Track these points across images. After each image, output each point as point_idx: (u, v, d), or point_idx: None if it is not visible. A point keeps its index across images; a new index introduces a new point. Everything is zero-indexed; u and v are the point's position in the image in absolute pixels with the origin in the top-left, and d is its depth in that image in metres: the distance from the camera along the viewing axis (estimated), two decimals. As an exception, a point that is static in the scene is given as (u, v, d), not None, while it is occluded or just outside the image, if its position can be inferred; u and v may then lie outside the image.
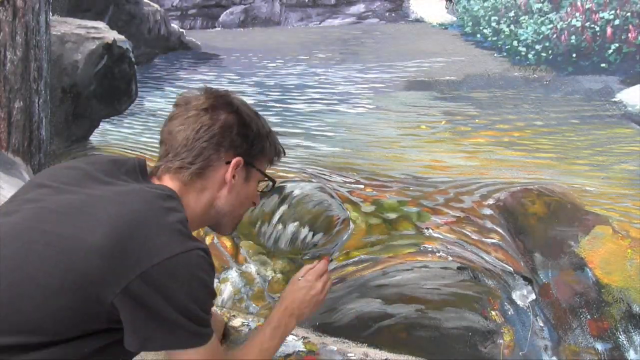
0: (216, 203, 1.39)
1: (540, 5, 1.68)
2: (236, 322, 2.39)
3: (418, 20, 1.89)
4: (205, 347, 1.22)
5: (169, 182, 1.35)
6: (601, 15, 1.60)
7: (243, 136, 1.38)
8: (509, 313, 1.92)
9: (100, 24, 3.73)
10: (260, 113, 1.45)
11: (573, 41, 1.66)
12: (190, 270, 1.16)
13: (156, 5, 5.02)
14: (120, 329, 1.14)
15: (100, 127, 3.71)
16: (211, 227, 1.47)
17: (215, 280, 1.24)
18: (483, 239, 1.91)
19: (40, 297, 1.10)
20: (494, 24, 1.74)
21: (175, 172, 1.35)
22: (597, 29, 1.62)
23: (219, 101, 1.37)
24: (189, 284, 1.16)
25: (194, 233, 1.27)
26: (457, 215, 1.94)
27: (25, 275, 1.11)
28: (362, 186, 2.07)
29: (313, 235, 2.28)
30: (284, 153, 1.52)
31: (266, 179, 1.46)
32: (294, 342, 2.19)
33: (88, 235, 1.13)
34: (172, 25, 5.45)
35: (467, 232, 1.94)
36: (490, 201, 1.86)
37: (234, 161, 1.37)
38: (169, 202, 1.24)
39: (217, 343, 1.29)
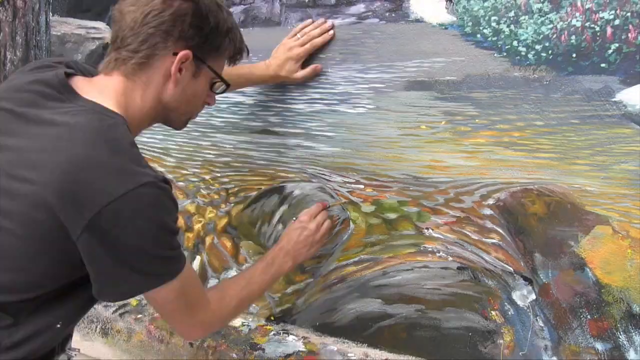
0: (162, 98, 1.32)
1: (540, 5, 1.68)
2: (236, 322, 2.39)
3: (418, 20, 1.90)
4: (176, 281, 1.18)
5: (115, 78, 1.29)
6: (601, 15, 1.60)
7: (196, 28, 1.30)
8: (509, 313, 1.92)
9: (100, 24, 3.73)
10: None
11: (573, 41, 1.66)
12: (134, 211, 1.10)
13: (156, 6, 5.01)
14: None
15: (100, 127, 3.70)
16: (162, 123, 1.41)
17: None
18: (483, 239, 1.91)
19: (9, 263, 1.09)
20: (494, 24, 1.74)
21: (121, 63, 1.29)
22: (597, 29, 1.62)
23: None
24: (134, 225, 1.10)
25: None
26: (457, 215, 1.94)
27: None
28: (362, 186, 2.07)
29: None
30: (248, 52, 1.44)
31: (219, 79, 1.39)
32: (294, 342, 2.19)
33: (35, 190, 1.10)
34: (172, 25, 5.43)
35: (467, 232, 1.94)
36: (490, 201, 1.86)
37: (181, 53, 1.29)
38: (111, 129, 1.18)
39: (191, 273, 1.24)
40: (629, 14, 1.61)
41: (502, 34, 1.81)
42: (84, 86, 1.27)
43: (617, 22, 1.61)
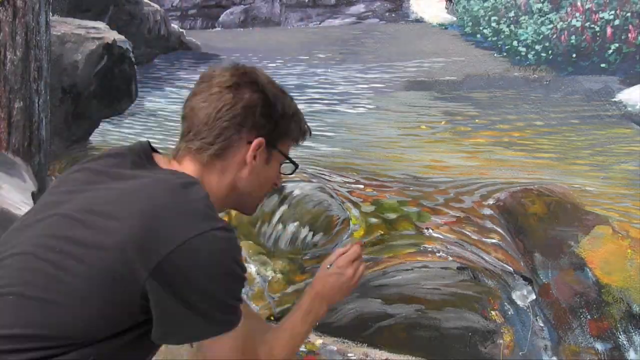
0: (237, 184, 1.37)
1: (540, 5, 1.68)
2: (236, 322, 2.38)
3: (418, 20, 1.90)
4: (234, 332, 1.19)
5: (189, 164, 1.33)
6: (601, 15, 1.60)
7: (266, 117, 1.35)
8: (509, 313, 1.92)
9: (100, 24, 3.74)
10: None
11: (573, 41, 1.66)
12: (208, 252, 1.13)
13: (156, 6, 5.03)
14: (146, 321, 1.14)
15: (100, 127, 3.71)
16: (234, 208, 1.46)
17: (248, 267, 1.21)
18: (483, 239, 1.91)
19: (68, 308, 1.10)
20: (494, 24, 1.74)
21: (195, 153, 1.33)
22: (597, 29, 1.62)
23: (244, 79, 1.34)
24: (207, 266, 1.13)
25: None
26: (457, 215, 1.94)
27: (46, 288, 1.11)
28: (362, 186, 2.07)
29: (313, 235, 2.28)
30: (310, 133, 1.49)
31: (288, 161, 1.44)
32: (294, 342, 2.19)
33: (106, 235, 1.12)
34: (172, 25, 5.45)
35: (467, 232, 1.93)
36: (490, 201, 1.86)
37: (255, 142, 1.33)
38: (185, 183, 1.23)
39: (246, 329, 1.25)
40: (629, 14, 1.61)
41: (502, 34, 1.81)
42: (162, 161, 1.33)
43: (617, 22, 1.61)
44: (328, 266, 1.53)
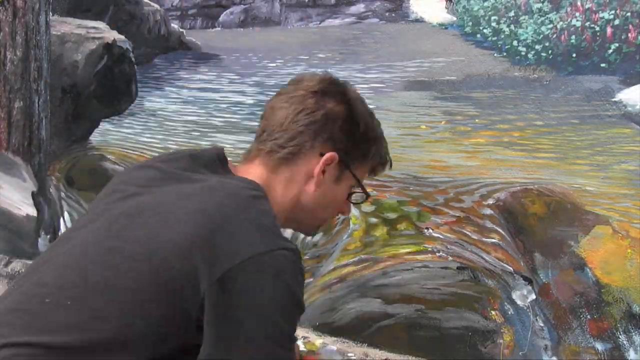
0: (301, 199, 1.29)
1: (540, 5, 1.68)
2: (236, 322, 2.38)
3: (418, 20, 1.90)
4: None
5: (257, 168, 1.26)
6: (601, 15, 1.60)
7: (347, 133, 1.27)
8: (509, 313, 1.92)
9: (100, 24, 3.73)
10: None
11: (573, 41, 1.66)
12: (277, 272, 1.05)
13: (156, 5, 5.02)
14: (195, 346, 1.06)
15: (100, 127, 3.71)
16: (293, 227, 1.38)
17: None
18: (483, 239, 1.91)
19: (121, 313, 1.03)
20: (494, 24, 1.74)
21: (265, 155, 1.27)
22: (597, 29, 1.62)
23: (331, 88, 1.26)
24: (274, 288, 1.05)
25: None
26: (457, 215, 1.94)
27: (100, 290, 1.04)
28: (362, 186, 2.06)
29: (313, 235, 2.28)
30: (391, 165, 1.41)
31: (360, 188, 1.35)
32: (294, 342, 2.19)
33: (165, 236, 1.06)
34: (172, 25, 5.45)
35: (467, 232, 1.94)
36: (490, 201, 1.86)
37: (327, 155, 1.25)
38: (255, 195, 1.17)
39: None
40: (629, 14, 1.61)
41: (502, 33, 1.81)
42: (233, 167, 1.28)
43: (617, 22, 1.61)
44: None
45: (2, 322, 1.06)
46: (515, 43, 1.78)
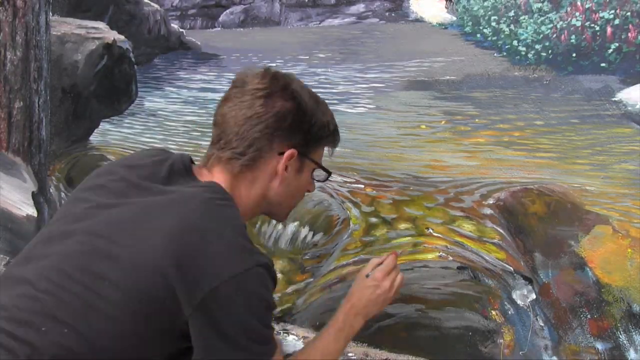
0: (267, 194, 1.32)
1: (540, 4, 1.68)
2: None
3: (418, 20, 1.90)
4: None
5: (219, 174, 1.29)
6: (601, 14, 1.60)
7: (298, 126, 1.29)
8: (509, 313, 1.92)
9: (100, 24, 3.73)
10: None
11: (573, 41, 1.66)
12: (253, 288, 1.11)
13: (156, 5, 5.02)
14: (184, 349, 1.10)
15: (100, 127, 3.70)
16: (264, 215, 1.41)
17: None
18: (483, 239, 1.91)
19: (105, 327, 1.05)
20: (493, 24, 1.74)
21: (226, 163, 1.29)
22: (597, 28, 1.62)
23: (275, 86, 1.29)
24: (250, 301, 1.11)
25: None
26: (457, 214, 1.94)
27: (86, 305, 1.07)
28: (362, 186, 2.07)
29: (313, 235, 2.28)
30: (339, 139, 1.42)
31: (321, 168, 1.38)
32: (294, 342, 2.19)
33: (147, 254, 1.08)
34: (172, 25, 5.44)
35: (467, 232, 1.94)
36: (490, 201, 1.86)
37: (287, 153, 1.29)
38: (225, 204, 1.19)
39: (279, 356, 1.23)
40: (629, 14, 1.61)
41: (502, 33, 1.81)
42: (199, 172, 1.28)
43: (617, 21, 1.61)
44: (366, 275, 1.49)
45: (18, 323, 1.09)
46: (515, 43, 1.78)
